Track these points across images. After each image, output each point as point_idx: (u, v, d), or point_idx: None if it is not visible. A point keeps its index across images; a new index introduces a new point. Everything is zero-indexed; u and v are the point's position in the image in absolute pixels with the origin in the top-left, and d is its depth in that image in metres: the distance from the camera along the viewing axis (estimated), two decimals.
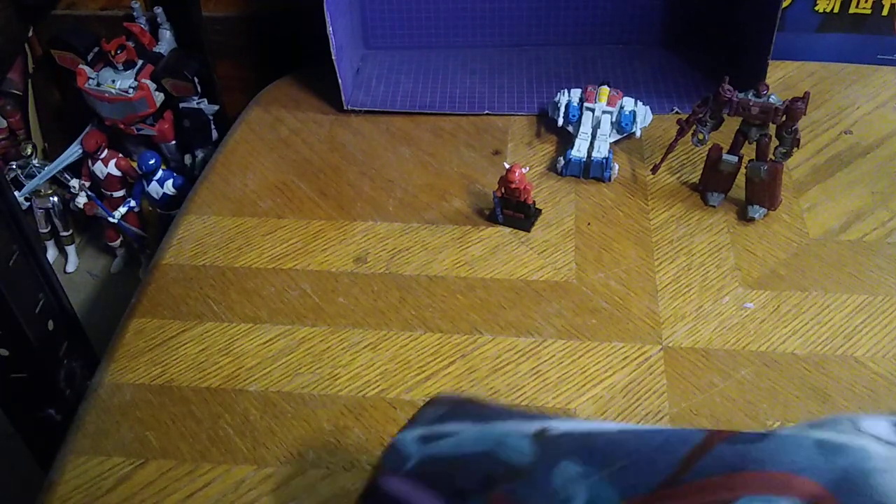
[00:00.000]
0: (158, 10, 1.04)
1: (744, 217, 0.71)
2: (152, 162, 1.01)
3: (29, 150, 1.11)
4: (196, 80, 1.03)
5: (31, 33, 1.08)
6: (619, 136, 0.77)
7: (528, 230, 0.71)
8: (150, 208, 1.11)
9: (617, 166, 0.76)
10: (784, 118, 0.66)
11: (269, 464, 0.55)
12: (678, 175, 0.76)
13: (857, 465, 0.26)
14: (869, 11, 0.86)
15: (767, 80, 0.70)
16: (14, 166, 1.11)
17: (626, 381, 0.59)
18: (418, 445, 0.38)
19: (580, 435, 0.34)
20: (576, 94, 0.80)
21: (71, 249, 1.21)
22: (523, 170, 0.67)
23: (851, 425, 0.28)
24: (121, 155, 1.09)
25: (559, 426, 0.35)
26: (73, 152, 1.10)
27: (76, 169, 1.12)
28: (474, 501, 0.35)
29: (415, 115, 0.85)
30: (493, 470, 0.35)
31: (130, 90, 1.02)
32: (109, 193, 1.11)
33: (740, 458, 0.29)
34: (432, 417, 0.39)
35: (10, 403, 0.75)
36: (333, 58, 0.80)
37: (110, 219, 1.09)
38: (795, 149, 0.67)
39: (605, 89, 0.79)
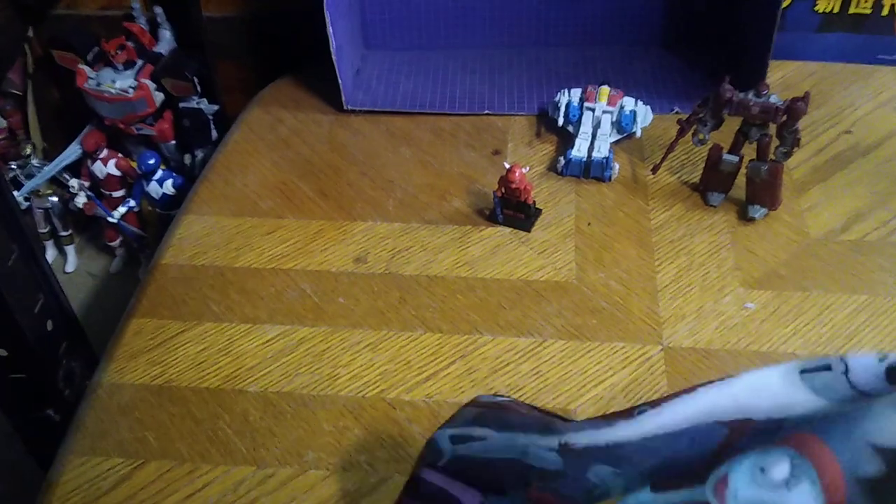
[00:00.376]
0: (158, 9, 1.04)
1: (744, 217, 0.71)
2: (152, 162, 1.01)
3: (28, 150, 1.11)
4: (196, 79, 1.03)
5: (30, 33, 1.08)
6: (619, 136, 0.77)
7: (528, 230, 0.71)
8: (150, 208, 1.11)
9: (617, 166, 0.76)
10: (784, 118, 0.66)
11: (268, 464, 0.55)
12: (678, 175, 0.76)
13: (848, 420, 0.27)
14: (869, 11, 0.86)
15: (767, 80, 0.70)
16: (13, 166, 1.11)
17: (626, 381, 0.59)
18: (450, 444, 0.41)
19: (605, 446, 0.35)
20: (576, 93, 0.80)
21: (70, 249, 1.21)
22: (523, 170, 0.67)
23: (843, 372, 0.29)
24: (120, 155, 1.09)
25: (578, 440, 0.36)
26: (72, 152, 1.10)
27: (76, 169, 1.12)
28: (513, 496, 0.37)
29: (415, 115, 0.85)
30: (525, 472, 0.37)
31: (130, 90, 1.02)
32: (109, 193, 1.11)
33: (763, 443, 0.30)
34: (467, 418, 0.42)
35: (9, 403, 0.75)
36: (333, 58, 0.80)
37: (110, 219, 1.09)
38: (796, 149, 0.67)
39: (605, 89, 0.79)
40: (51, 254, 1.21)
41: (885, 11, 0.85)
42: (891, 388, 0.26)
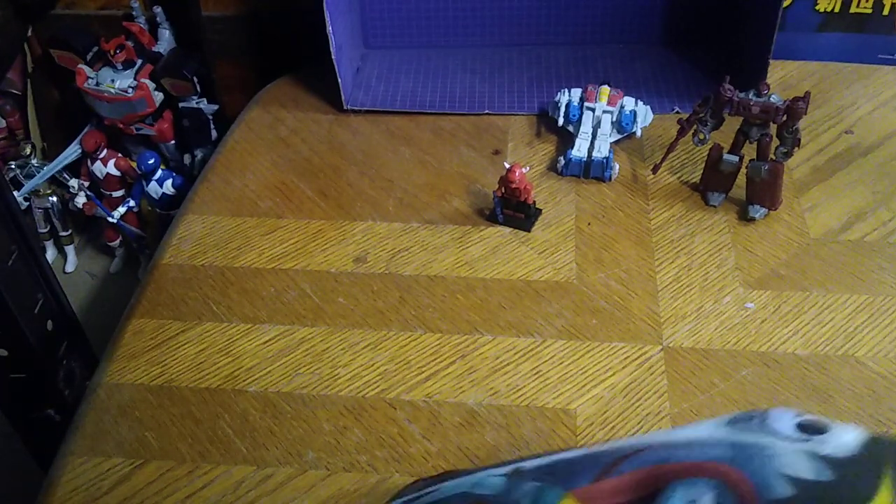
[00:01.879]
0: (158, 9, 1.04)
1: (744, 217, 0.71)
2: (151, 162, 1.01)
3: (28, 150, 1.10)
4: (195, 79, 1.02)
5: (30, 33, 1.08)
6: (619, 136, 0.77)
7: (528, 230, 0.71)
8: (150, 208, 1.11)
9: (617, 166, 0.76)
10: (785, 118, 0.65)
11: (268, 464, 0.55)
12: (679, 175, 0.76)
13: (763, 455, 0.32)
14: (870, 11, 0.85)
15: (768, 80, 0.70)
16: (13, 166, 1.10)
17: (626, 381, 0.59)
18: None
19: (546, 465, 0.39)
20: (576, 93, 0.80)
21: (70, 249, 1.21)
22: (523, 169, 0.67)
23: (760, 422, 0.34)
24: (120, 155, 1.09)
25: (532, 463, 0.39)
26: (72, 152, 1.10)
27: (75, 169, 1.11)
28: None
29: (415, 115, 0.85)
30: (469, 500, 0.39)
31: (129, 90, 1.02)
32: (108, 193, 1.11)
33: (667, 454, 0.34)
34: (415, 489, 0.43)
35: (9, 404, 0.75)
36: (333, 57, 0.80)
37: (109, 219, 1.09)
38: (796, 148, 0.67)
39: (605, 89, 0.78)
40: (51, 254, 1.21)
41: (886, 11, 0.85)
42: (801, 435, 0.32)
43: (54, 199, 1.14)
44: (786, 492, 0.30)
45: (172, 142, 1.10)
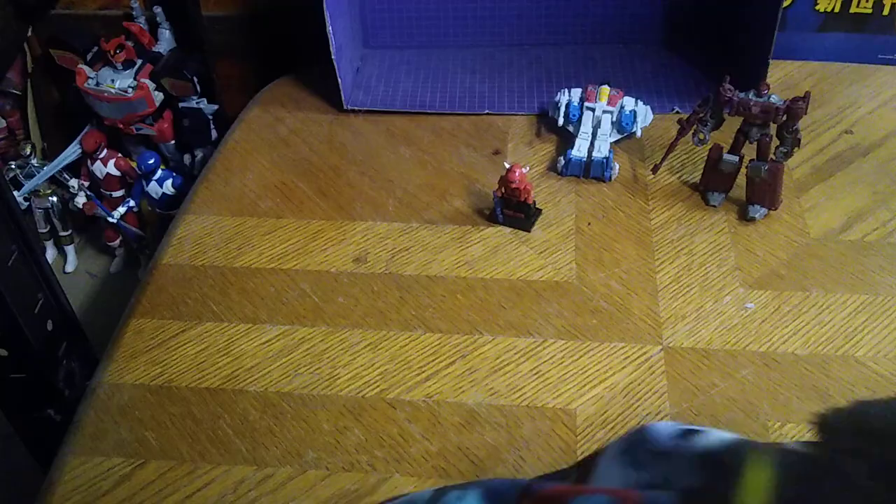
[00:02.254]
0: (158, 9, 1.04)
1: (744, 217, 0.71)
2: (151, 162, 1.01)
3: (28, 150, 1.10)
4: (195, 79, 1.02)
5: (30, 33, 1.08)
6: (619, 136, 0.77)
7: (528, 230, 0.71)
8: (150, 208, 1.11)
9: (617, 166, 0.76)
10: (785, 118, 0.65)
11: (268, 464, 0.55)
12: (679, 175, 0.76)
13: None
14: (870, 11, 0.85)
15: (768, 80, 0.70)
16: (13, 166, 1.11)
17: (626, 381, 0.59)
18: None
19: (471, 482, 0.46)
20: (576, 93, 0.80)
21: (70, 249, 1.21)
22: (523, 169, 0.67)
23: (645, 442, 0.39)
24: (120, 155, 1.09)
25: (459, 483, 0.46)
26: (72, 152, 1.10)
27: (75, 169, 1.12)
28: None
29: (415, 115, 0.85)
30: None
31: (129, 90, 1.02)
32: (108, 193, 1.11)
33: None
34: None
35: (9, 404, 0.75)
36: (333, 58, 0.80)
37: (109, 219, 1.09)
38: (796, 148, 0.67)
39: (605, 89, 0.78)
40: (51, 254, 1.21)
41: (886, 11, 0.85)
42: (683, 442, 0.38)
43: (54, 199, 1.14)
44: (671, 500, 0.34)
45: (172, 142, 1.10)
